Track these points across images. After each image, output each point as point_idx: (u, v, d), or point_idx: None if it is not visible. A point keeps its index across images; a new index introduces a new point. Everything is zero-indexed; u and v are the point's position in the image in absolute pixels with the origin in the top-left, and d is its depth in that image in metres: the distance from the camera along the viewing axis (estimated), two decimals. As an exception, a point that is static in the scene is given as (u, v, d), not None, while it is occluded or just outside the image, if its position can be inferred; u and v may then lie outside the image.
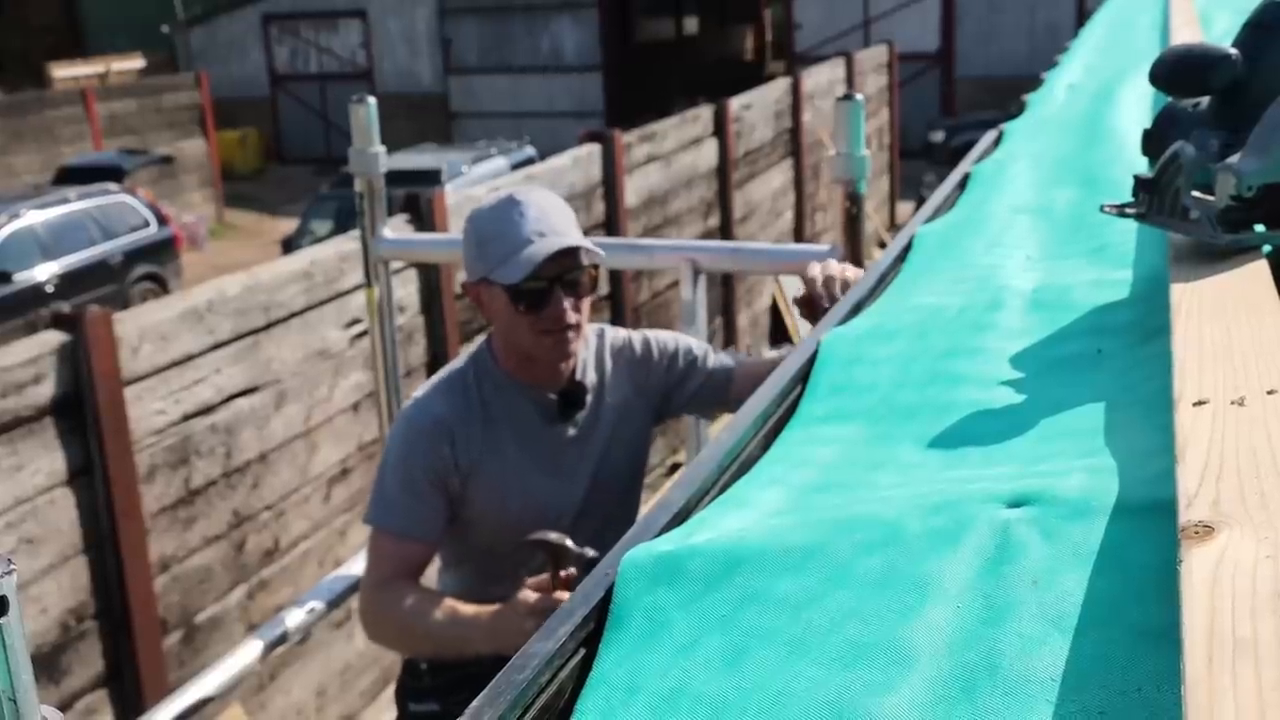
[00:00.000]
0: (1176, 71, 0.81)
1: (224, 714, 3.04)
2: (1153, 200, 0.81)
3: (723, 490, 0.77)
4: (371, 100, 1.93)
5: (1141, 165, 1.30)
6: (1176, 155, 0.79)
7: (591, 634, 0.62)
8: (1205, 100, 0.83)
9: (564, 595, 1.31)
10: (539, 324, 1.43)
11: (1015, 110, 1.96)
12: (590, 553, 1.31)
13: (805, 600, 0.59)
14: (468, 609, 1.37)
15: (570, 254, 1.42)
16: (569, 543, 1.32)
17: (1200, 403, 0.58)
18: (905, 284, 1.08)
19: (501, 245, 1.42)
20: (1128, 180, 1.24)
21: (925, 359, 0.87)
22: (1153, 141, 0.87)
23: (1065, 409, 0.73)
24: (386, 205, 2.08)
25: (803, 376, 0.92)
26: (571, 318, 1.44)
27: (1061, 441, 0.69)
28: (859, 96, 1.54)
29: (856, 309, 1.06)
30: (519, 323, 1.44)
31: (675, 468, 5.57)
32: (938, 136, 12.64)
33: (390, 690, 4.02)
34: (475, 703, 0.55)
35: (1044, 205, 1.22)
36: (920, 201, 9.05)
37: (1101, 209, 0.86)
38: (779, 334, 7.07)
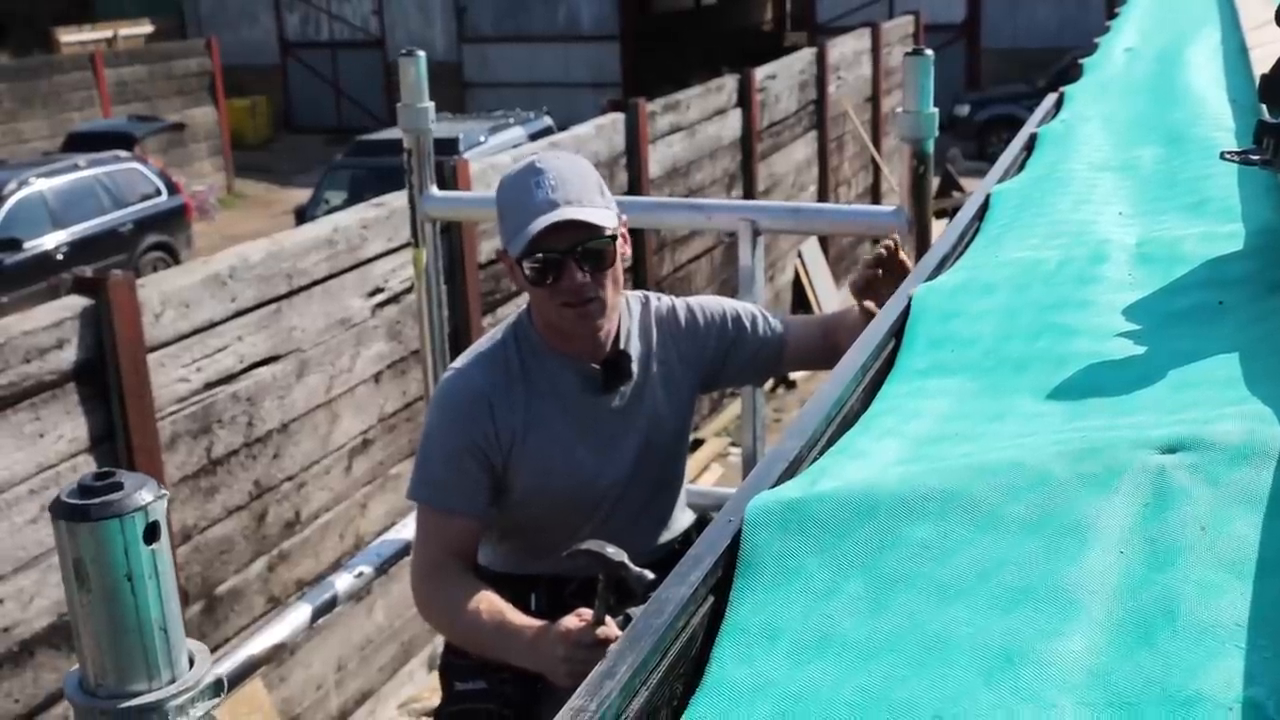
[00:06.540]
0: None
1: (244, 687, 3.04)
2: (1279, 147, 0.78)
3: (830, 442, 0.75)
4: (421, 54, 1.89)
5: (1226, 122, 1.27)
6: (1309, 99, 0.75)
7: (720, 581, 0.60)
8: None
9: (611, 633, 1.20)
10: (557, 296, 1.37)
11: (1044, 85, 1.91)
12: (649, 576, 1.16)
13: (949, 545, 0.57)
14: (514, 619, 1.31)
15: (586, 224, 1.34)
16: (626, 559, 1.19)
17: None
18: (991, 240, 1.06)
19: (515, 217, 1.36)
20: (1216, 137, 1.21)
21: (1030, 312, 0.85)
22: (1274, 86, 0.83)
23: (1194, 359, 0.71)
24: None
25: (896, 331, 0.90)
26: (589, 290, 1.36)
27: (1198, 390, 0.66)
28: (929, 52, 1.50)
29: (941, 265, 1.03)
30: (540, 295, 1.39)
31: (697, 444, 5.54)
32: (963, 110, 12.26)
33: (408, 666, 4.03)
34: (615, 647, 0.53)
35: (1128, 163, 1.18)
36: (945, 176, 8.86)
37: (1222, 156, 0.83)
38: (801, 308, 7.02)
